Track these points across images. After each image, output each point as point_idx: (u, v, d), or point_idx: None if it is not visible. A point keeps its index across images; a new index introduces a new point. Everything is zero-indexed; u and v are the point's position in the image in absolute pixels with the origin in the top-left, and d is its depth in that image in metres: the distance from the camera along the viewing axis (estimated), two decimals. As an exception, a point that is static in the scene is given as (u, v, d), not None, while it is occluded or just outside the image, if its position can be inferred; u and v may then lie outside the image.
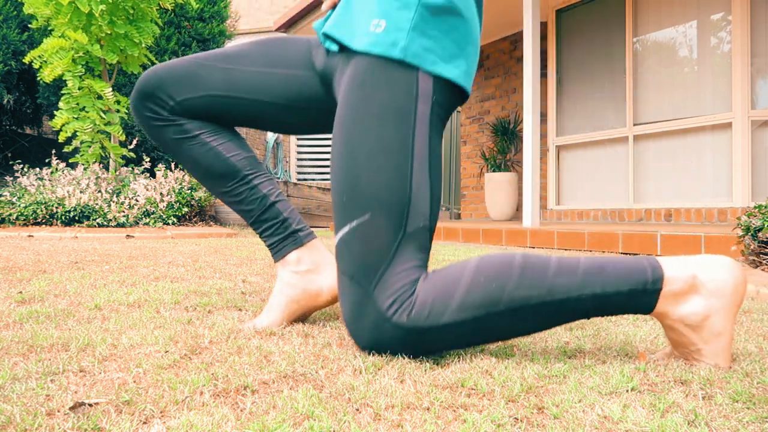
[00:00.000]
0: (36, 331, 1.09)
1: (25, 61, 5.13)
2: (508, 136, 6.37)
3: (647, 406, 0.75)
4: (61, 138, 5.07)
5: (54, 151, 6.00)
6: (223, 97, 1.15)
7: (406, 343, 0.93)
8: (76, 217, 4.76)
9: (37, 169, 5.56)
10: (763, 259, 2.25)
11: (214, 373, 0.85)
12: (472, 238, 4.51)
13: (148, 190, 5.13)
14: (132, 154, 5.50)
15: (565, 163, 5.58)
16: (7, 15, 6.45)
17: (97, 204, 4.80)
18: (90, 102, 5.05)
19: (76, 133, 5.07)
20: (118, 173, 5.41)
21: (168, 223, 5.09)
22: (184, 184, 5.49)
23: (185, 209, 5.30)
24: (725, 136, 4.31)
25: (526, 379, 0.84)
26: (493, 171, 6.26)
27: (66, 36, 4.92)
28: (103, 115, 5.12)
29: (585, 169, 5.39)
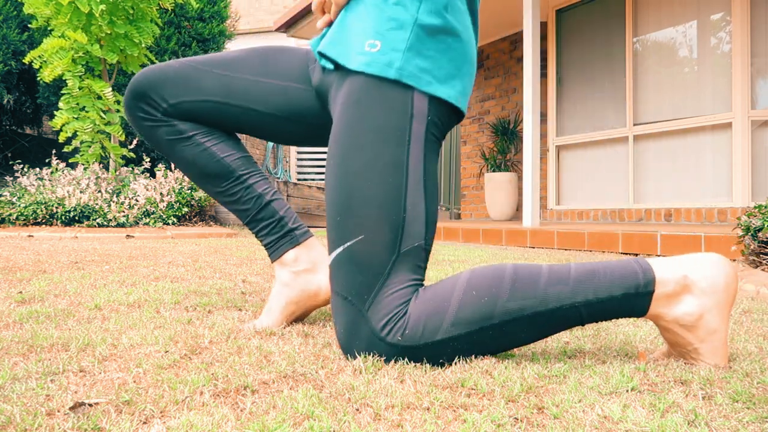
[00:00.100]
0: (36, 331, 1.09)
1: (25, 61, 5.13)
2: (508, 136, 6.37)
3: (647, 406, 0.75)
4: (61, 138, 5.07)
5: (54, 151, 6.01)
6: (217, 103, 1.14)
7: (398, 358, 0.93)
8: (76, 217, 4.76)
9: (37, 169, 5.56)
10: (763, 259, 2.25)
11: (214, 373, 0.85)
12: (472, 238, 4.51)
13: (148, 190, 5.13)
14: (132, 154, 5.50)
15: (565, 163, 5.58)
16: (7, 15, 6.45)
17: (97, 204, 4.80)
18: (90, 102, 5.05)
19: (76, 133, 5.07)
20: (118, 173, 5.41)
21: (168, 223, 5.09)
22: (184, 184, 5.49)
23: (185, 209, 5.30)
24: (725, 136, 4.31)
25: (526, 379, 0.85)
26: (493, 171, 6.26)
27: (66, 36, 4.92)
28: (103, 115, 5.12)
29: (585, 169, 5.39)
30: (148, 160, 6.09)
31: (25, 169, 5.48)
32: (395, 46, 0.97)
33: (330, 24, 1.11)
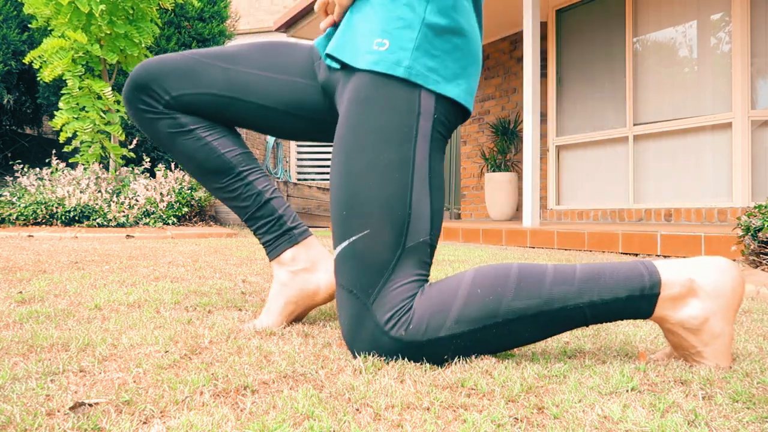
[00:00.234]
0: (36, 331, 1.09)
1: (25, 61, 5.13)
2: (508, 136, 6.37)
3: (647, 406, 0.75)
4: (61, 138, 5.07)
5: (54, 151, 6.01)
6: (220, 96, 1.14)
7: (404, 355, 0.93)
8: (76, 217, 4.76)
9: (37, 169, 5.56)
10: (763, 259, 2.25)
11: (214, 373, 0.85)
12: (472, 238, 4.51)
13: (148, 190, 5.13)
14: (132, 154, 5.50)
15: (565, 163, 5.58)
16: (7, 15, 6.45)
17: (97, 204, 4.80)
18: (90, 102, 5.06)
19: (76, 133, 5.07)
20: (118, 173, 5.41)
21: (168, 223, 5.09)
22: (184, 184, 5.49)
23: (185, 209, 5.30)
24: (725, 136, 4.31)
25: (526, 379, 0.84)
26: (493, 171, 6.26)
27: (66, 36, 4.92)
28: (103, 115, 5.12)
29: (585, 169, 5.40)
30: (148, 160, 6.09)
31: (25, 169, 5.48)
32: (403, 45, 0.97)
33: (333, 25, 1.11)
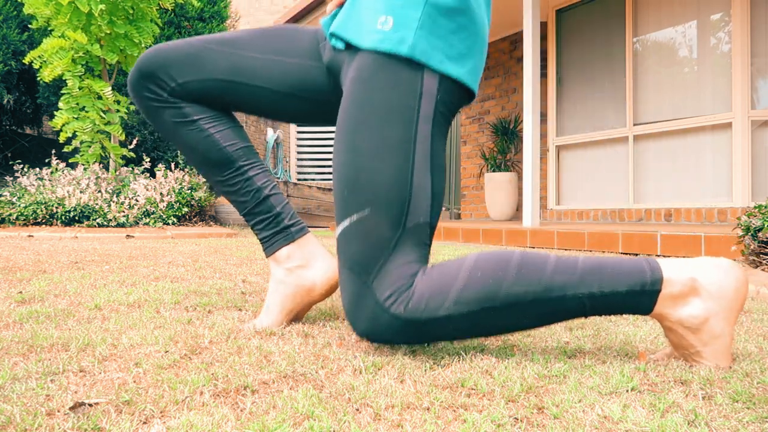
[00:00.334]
0: (36, 331, 1.09)
1: (25, 61, 5.13)
2: (508, 136, 6.37)
3: (647, 406, 0.75)
4: (61, 138, 5.07)
5: (54, 151, 6.00)
6: (226, 82, 1.14)
7: (402, 333, 0.94)
8: (76, 217, 4.75)
9: (37, 169, 5.56)
10: (763, 259, 2.25)
11: (214, 373, 0.85)
12: (472, 238, 4.51)
13: (148, 190, 5.12)
14: (132, 154, 5.50)
15: (565, 163, 5.58)
16: (7, 15, 6.45)
17: (97, 204, 4.80)
18: (90, 102, 5.05)
19: (76, 133, 5.07)
20: (118, 173, 5.41)
21: (168, 223, 5.09)
22: (184, 184, 5.48)
23: (185, 209, 5.30)
24: (725, 136, 4.31)
25: (526, 379, 0.84)
26: (493, 171, 6.26)
27: (66, 36, 4.92)
28: (103, 115, 5.12)
29: (585, 169, 5.39)
30: (148, 160, 6.09)
31: (25, 169, 5.47)
32: (407, 24, 0.97)
33: (340, 5, 1.11)
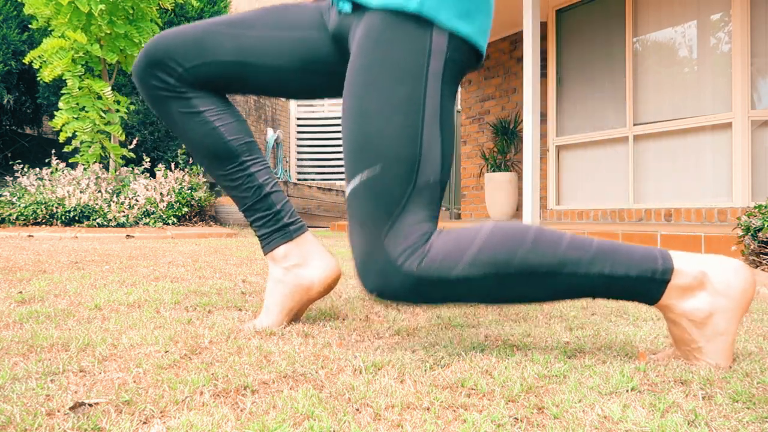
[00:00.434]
0: (36, 331, 1.09)
1: (25, 61, 5.13)
2: (508, 136, 6.37)
3: (647, 406, 0.75)
4: (61, 138, 5.07)
5: (54, 151, 6.00)
6: (234, 63, 1.13)
7: (412, 291, 0.94)
8: (76, 217, 4.75)
9: (37, 169, 5.56)
10: (763, 259, 2.25)
11: (214, 373, 0.85)
12: (472, 238, 4.50)
13: (148, 190, 5.12)
14: (132, 154, 5.50)
15: (565, 163, 5.58)
16: (7, 15, 6.45)
17: (97, 204, 4.80)
18: (90, 102, 5.06)
19: (76, 133, 5.07)
20: (118, 173, 5.41)
21: (168, 223, 5.09)
22: (184, 184, 5.48)
23: (185, 209, 5.30)
24: (725, 136, 4.31)
25: (526, 379, 0.84)
26: (493, 171, 6.26)
27: (66, 36, 4.92)
28: (103, 115, 5.12)
29: (585, 169, 5.39)
30: (148, 160, 6.09)
31: (25, 169, 5.47)
32: None
33: None
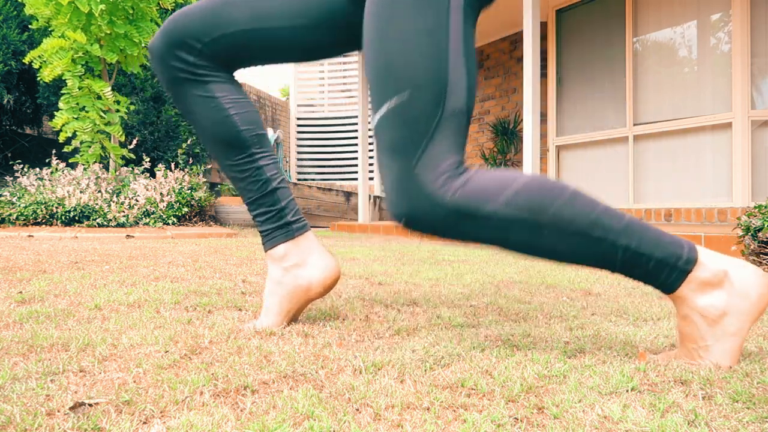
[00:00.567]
0: (36, 331, 1.09)
1: (25, 61, 5.13)
2: (508, 136, 6.37)
3: (647, 406, 0.75)
4: (61, 138, 5.07)
5: (54, 151, 6.00)
6: (251, 30, 1.13)
7: (440, 221, 0.94)
8: (76, 217, 4.75)
9: (37, 169, 5.56)
10: (763, 259, 2.25)
11: (214, 373, 0.85)
12: (472, 238, 4.50)
13: (148, 190, 5.12)
14: (132, 154, 5.50)
15: (565, 163, 5.58)
16: (7, 15, 6.45)
17: (97, 204, 4.80)
18: (90, 102, 5.06)
19: (76, 133, 5.07)
20: (118, 173, 5.41)
21: (168, 223, 5.09)
22: (184, 184, 5.48)
23: (185, 209, 5.30)
24: (725, 136, 4.31)
25: (526, 379, 0.84)
26: (493, 171, 6.25)
27: (66, 36, 4.92)
28: (103, 115, 5.12)
29: (585, 169, 5.39)
30: (148, 160, 6.09)
31: (25, 169, 5.47)
32: None
33: None
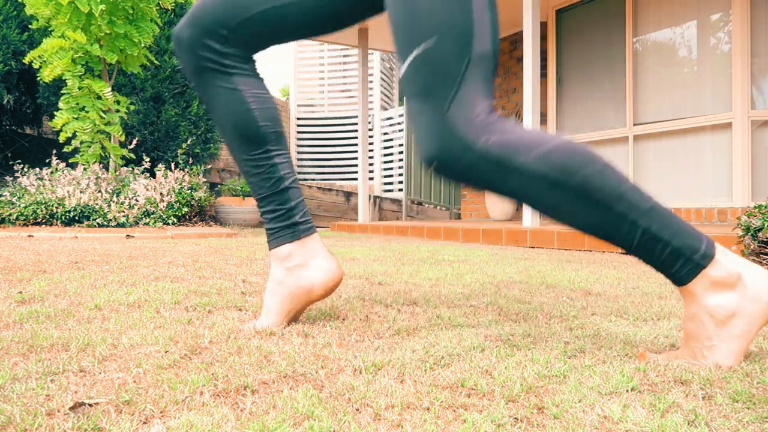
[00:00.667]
0: (36, 331, 1.09)
1: (25, 61, 5.13)
2: (508, 136, 6.36)
3: (647, 406, 0.75)
4: (61, 138, 5.07)
5: (54, 151, 6.00)
6: (271, 8, 1.13)
7: (468, 167, 0.95)
8: (76, 217, 4.75)
9: (37, 169, 5.56)
10: (763, 259, 2.25)
11: (214, 373, 0.85)
12: (472, 238, 4.51)
13: (148, 190, 5.13)
14: (132, 154, 5.50)
15: (565, 163, 5.58)
16: (7, 15, 6.45)
17: (97, 204, 4.80)
18: (90, 102, 5.05)
19: (76, 133, 5.07)
20: (118, 173, 5.41)
21: (168, 223, 5.09)
22: (184, 184, 5.48)
23: (185, 209, 5.30)
24: (725, 136, 4.31)
25: (526, 379, 0.84)
26: (493, 171, 6.25)
27: (66, 36, 4.92)
28: (103, 115, 5.12)
29: (585, 169, 5.39)
30: (148, 160, 6.09)
31: (25, 169, 5.47)
32: None
33: None
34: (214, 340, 1.05)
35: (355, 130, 9.29)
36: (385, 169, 9.50)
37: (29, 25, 5.99)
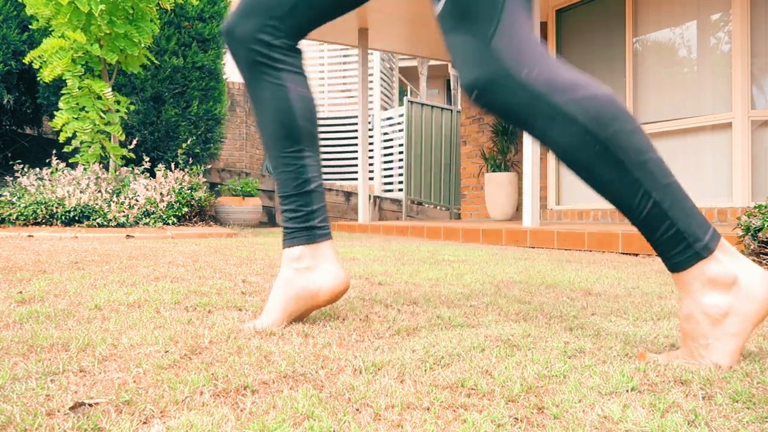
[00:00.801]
0: (36, 331, 1.09)
1: (25, 61, 5.13)
2: (508, 136, 6.37)
3: (647, 406, 0.75)
4: (61, 138, 5.07)
5: (54, 151, 5.99)
6: None
7: (510, 95, 0.94)
8: (76, 217, 4.75)
9: (37, 169, 5.56)
10: (763, 259, 2.25)
11: (214, 373, 0.85)
12: (472, 238, 4.51)
13: (148, 190, 5.13)
14: (132, 154, 5.50)
15: (565, 163, 5.58)
16: (7, 15, 6.45)
17: (97, 204, 4.80)
18: (90, 102, 5.05)
19: (76, 133, 5.07)
20: (118, 173, 5.41)
21: (168, 223, 5.09)
22: (184, 184, 5.48)
23: (185, 209, 5.30)
24: (725, 136, 4.31)
25: (526, 379, 0.84)
26: (493, 171, 6.26)
27: (66, 36, 4.92)
28: (103, 115, 5.12)
29: (585, 169, 5.39)
30: (148, 160, 6.10)
31: (25, 169, 5.47)
32: None
33: None
34: (214, 340, 1.05)
35: (355, 130, 9.29)
36: (385, 169, 9.50)
37: (29, 25, 5.99)
